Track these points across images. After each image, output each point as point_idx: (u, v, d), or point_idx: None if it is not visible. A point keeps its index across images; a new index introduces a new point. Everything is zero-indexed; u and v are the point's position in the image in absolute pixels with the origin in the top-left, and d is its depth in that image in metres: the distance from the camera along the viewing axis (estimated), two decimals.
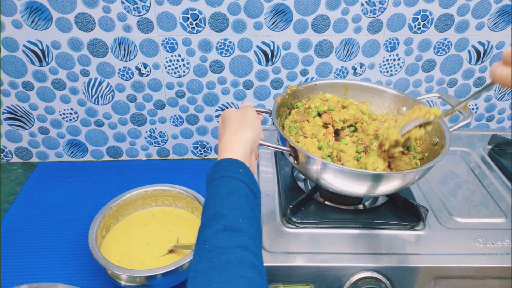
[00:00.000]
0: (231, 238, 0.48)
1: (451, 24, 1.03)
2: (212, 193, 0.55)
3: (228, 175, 0.56)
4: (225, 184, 0.55)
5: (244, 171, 0.57)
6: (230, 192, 0.54)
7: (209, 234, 0.49)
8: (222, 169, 0.57)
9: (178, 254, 0.87)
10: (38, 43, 0.99)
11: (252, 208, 0.54)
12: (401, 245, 0.74)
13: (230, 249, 0.47)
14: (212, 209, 0.53)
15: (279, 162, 0.94)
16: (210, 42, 1.02)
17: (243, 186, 0.55)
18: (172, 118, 1.14)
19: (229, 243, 0.48)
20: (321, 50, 1.05)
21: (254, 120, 0.65)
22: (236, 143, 0.61)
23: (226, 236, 0.49)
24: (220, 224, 0.50)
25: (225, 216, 0.51)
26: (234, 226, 0.50)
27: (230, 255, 0.46)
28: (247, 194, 0.55)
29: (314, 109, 0.84)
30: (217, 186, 0.55)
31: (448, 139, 0.76)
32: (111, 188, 1.09)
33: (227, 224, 0.50)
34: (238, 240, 0.48)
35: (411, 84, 1.12)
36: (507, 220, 0.81)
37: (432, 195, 0.87)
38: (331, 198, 0.83)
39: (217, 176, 0.56)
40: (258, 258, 0.49)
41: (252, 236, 0.50)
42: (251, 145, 0.62)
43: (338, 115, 0.84)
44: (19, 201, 1.05)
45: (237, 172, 0.56)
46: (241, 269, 0.45)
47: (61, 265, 0.89)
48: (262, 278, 0.46)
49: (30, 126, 1.12)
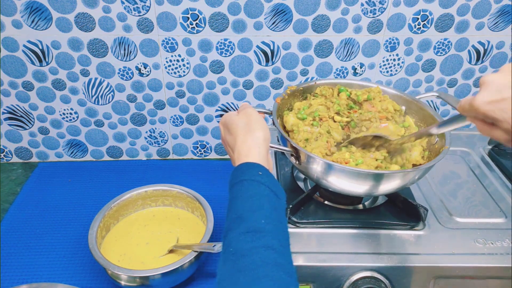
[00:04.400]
0: (254, 239, 0.48)
1: (451, 24, 1.03)
2: (233, 198, 0.55)
3: (247, 178, 0.55)
4: (245, 187, 0.54)
5: (263, 173, 0.56)
6: (250, 195, 0.53)
7: (232, 237, 0.49)
8: (240, 173, 0.57)
9: (178, 254, 0.87)
10: (38, 43, 0.99)
11: (275, 209, 0.53)
12: (400, 245, 0.74)
13: (254, 250, 0.47)
14: (234, 213, 0.52)
15: (279, 162, 0.94)
16: (210, 42, 1.02)
17: (264, 187, 0.55)
18: (172, 118, 1.14)
19: (252, 244, 0.47)
20: (321, 50, 1.05)
21: (259, 118, 0.64)
22: (250, 146, 0.60)
23: (249, 237, 0.48)
24: (242, 226, 0.50)
25: (246, 219, 0.50)
26: (256, 227, 0.49)
27: (254, 256, 0.46)
28: (268, 195, 0.54)
29: (354, 96, 0.88)
30: (237, 190, 0.55)
31: (448, 138, 0.76)
32: (111, 188, 1.09)
33: (249, 226, 0.49)
34: (261, 240, 0.48)
35: (411, 84, 1.12)
36: (507, 220, 0.81)
37: (432, 195, 0.87)
38: (331, 198, 0.83)
39: (236, 181, 0.56)
40: (285, 256, 0.48)
41: (276, 236, 0.49)
42: (265, 144, 0.61)
43: (380, 105, 0.85)
44: (19, 201, 1.05)
45: (256, 175, 0.56)
46: (267, 269, 0.45)
47: (61, 265, 0.89)
48: (291, 276, 0.46)
49: (30, 126, 1.12)
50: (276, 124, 0.77)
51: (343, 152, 0.76)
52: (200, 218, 0.95)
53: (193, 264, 0.82)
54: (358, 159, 0.74)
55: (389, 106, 0.84)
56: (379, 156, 0.76)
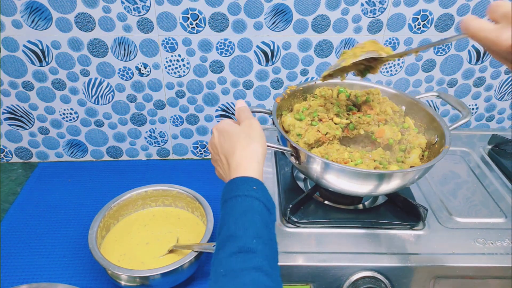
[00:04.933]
0: (246, 260, 0.48)
1: (451, 24, 1.03)
2: (226, 214, 0.54)
3: (241, 194, 0.55)
4: (239, 203, 0.54)
5: (258, 187, 0.56)
6: (244, 211, 0.53)
7: (223, 257, 0.49)
8: (235, 188, 0.56)
9: (178, 254, 0.87)
10: (38, 43, 0.99)
11: (267, 226, 0.53)
12: (400, 244, 0.74)
13: (245, 272, 0.47)
14: (226, 231, 0.52)
15: (279, 162, 0.94)
16: (210, 42, 1.02)
17: (258, 203, 0.54)
18: (172, 118, 1.14)
19: (244, 266, 0.47)
20: (321, 50, 1.05)
21: (261, 132, 0.63)
22: (249, 159, 0.59)
23: (240, 258, 0.48)
24: (234, 245, 0.49)
25: (239, 237, 0.50)
26: (248, 248, 0.49)
27: (245, 278, 0.46)
28: (262, 211, 0.54)
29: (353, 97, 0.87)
30: (231, 206, 0.54)
31: (448, 137, 0.76)
32: (111, 188, 1.09)
33: (241, 245, 0.49)
34: (252, 261, 0.48)
35: (411, 84, 1.12)
36: (506, 220, 0.81)
37: (432, 195, 0.87)
38: (330, 198, 0.83)
39: (230, 196, 0.55)
40: (274, 279, 0.48)
41: (267, 257, 0.50)
42: (262, 157, 0.61)
43: (378, 107, 0.84)
44: (19, 201, 1.05)
45: (251, 190, 0.55)
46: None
47: (61, 265, 0.89)
48: None
49: (30, 126, 1.12)
50: (276, 124, 0.77)
51: (342, 152, 0.76)
52: (200, 218, 0.95)
53: (193, 264, 0.82)
54: (357, 159, 0.74)
55: (387, 108, 0.84)
56: (377, 157, 0.76)
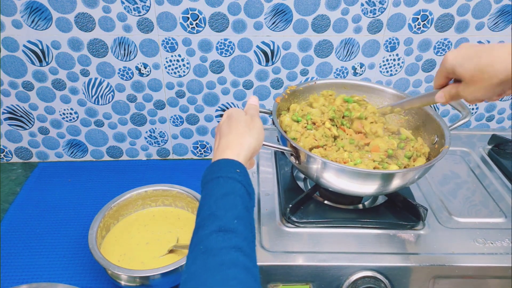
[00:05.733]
0: (226, 239, 0.48)
1: (451, 24, 1.03)
2: (207, 194, 0.55)
3: (224, 175, 0.56)
4: (221, 184, 0.55)
5: (241, 171, 0.57)
6: (226, 193, 0.54)
7: (204, 235, 0.49)
8: (217, 169, 0.57)
9: (178, 254, 0.87)
10: (38, 43, 0.99)
11: (247, 209, 0.54)
12: (400, 244, 0.74)
13: (225, 250, 0.47)
14: (207, 210, 0.52)
15: (279, 162, 0.94)
16: (210, 42, 1.02)
17: (240, 186, 0.55)
18: (172, 118, 1.14)
19: (224, 244, 0.48)
20: (321, 50, 1.05)
21: (261, 131, 0.64)
22: (239, 145, 0.60)
23: (220, 237, 0.48)
24: (215, 224, 0.50)
25: (220, 217, 0.51)
26: (228, 227, 0.49)
27: (224, 257, 0.46)
28: (243, 195, 0.55)
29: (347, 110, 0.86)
30: (212, 187, 0.55)
31: (448, 137, 0.76)
32: (111, 188, 1.09)
33: (222, 224, 0.50)
34: (232, 241, 0.48)
35: (411, 84, 1.12)
36: (506, 220, 0.81)
37: (432, 195, 0.87)
38: (330, 198, 0.83)
39: (213, 177, 0.56)
40: (252, 260, 0.49)
41: (246, 238, 0.50)
42: (252, 152, 0.62)
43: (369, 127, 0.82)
44: (19, 201, 1.05)
45: (234, 172, 0.56)
46: (235, 271, 0.45)
47: (61, 265, 0.89)
48: (255, 281, 0.46)
49: (30, 126, 1.12)
50: (276, 124, 0.78)
51: (341, 152, 0.76)
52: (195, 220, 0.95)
53: None
54: (356, 159, 0.74)
55: (379, 129, 0.82)
56: (377, 158, 0.76)
